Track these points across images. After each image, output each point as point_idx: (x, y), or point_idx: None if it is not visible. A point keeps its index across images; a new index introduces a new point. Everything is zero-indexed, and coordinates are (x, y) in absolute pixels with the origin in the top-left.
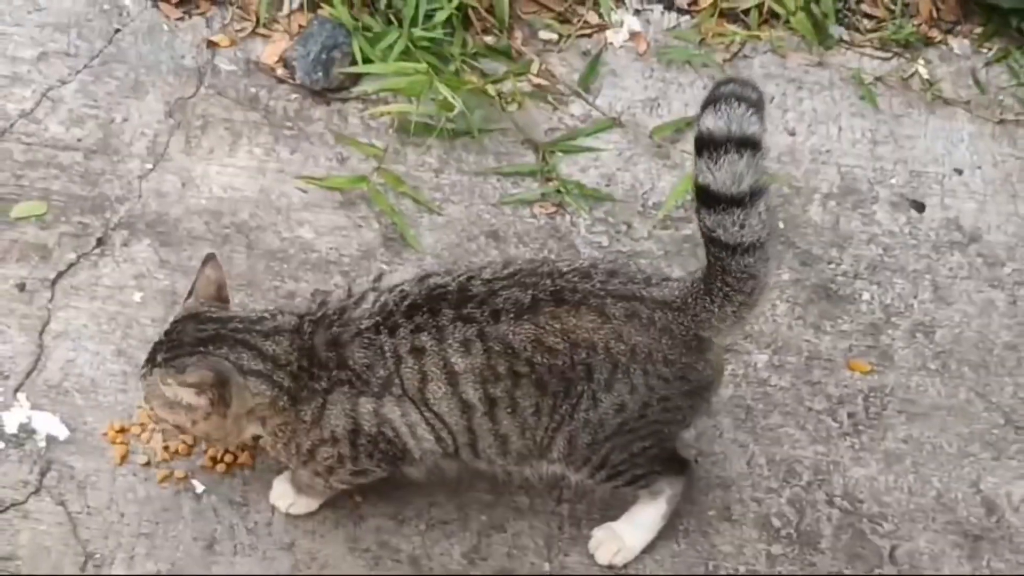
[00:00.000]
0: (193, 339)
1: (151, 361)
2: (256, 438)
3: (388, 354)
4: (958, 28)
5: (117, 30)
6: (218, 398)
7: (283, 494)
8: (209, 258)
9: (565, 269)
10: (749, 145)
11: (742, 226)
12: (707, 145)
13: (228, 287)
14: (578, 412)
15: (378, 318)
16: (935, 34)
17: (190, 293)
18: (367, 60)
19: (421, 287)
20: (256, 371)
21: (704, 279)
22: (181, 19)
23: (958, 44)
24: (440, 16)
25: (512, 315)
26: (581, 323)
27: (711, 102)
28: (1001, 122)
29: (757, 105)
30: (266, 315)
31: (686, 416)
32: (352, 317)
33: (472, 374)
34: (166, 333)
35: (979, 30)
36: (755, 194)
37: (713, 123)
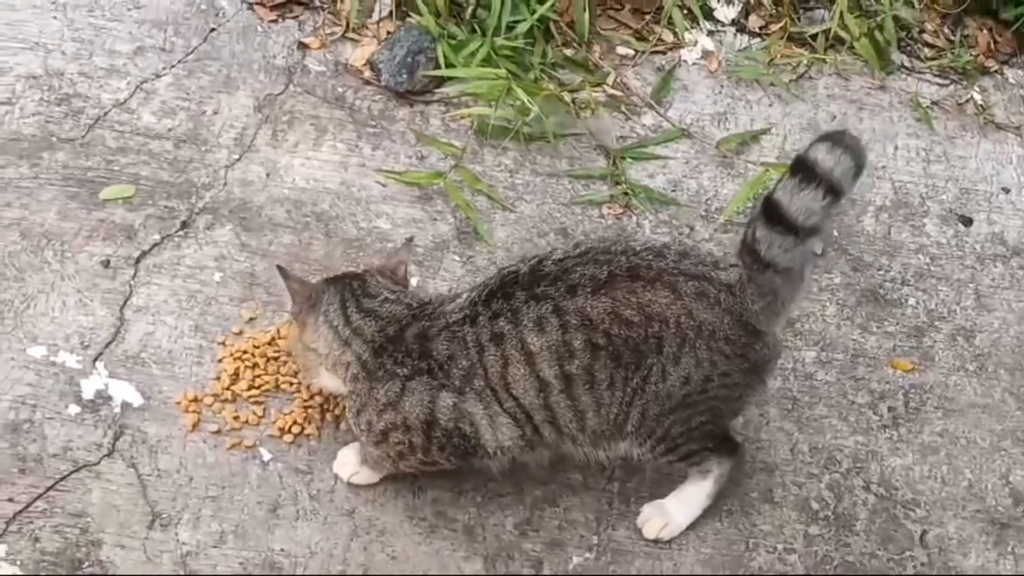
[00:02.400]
0: (335, 277)
1: None
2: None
3: (471, 344)
4: (1014, 60)
5: (212, 29)
6: (300, 316)
7: (346, 463)
8: (408, 241)
9: (639, 248)
10: (834, 194)
11: (785, 251)
12: (804, 171)
13: (408, 270)
14: (648, 385)
15: (467, 311)
16: (992, 64)
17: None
18: (450, 65)
19: (496, 277)
20: (335, 327)
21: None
22: (275, 21)
23: (1013, 74)
24: (522, 27)
25: (589, 289)
26: (656, 298)
27: (830, 140)
28: None
29: (860, 169)
30: (382, 294)
31: (742, 394)
32: (444, 311)
33: (548, 352)
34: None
35: None
36: (810, 232)
37: (822, 157)
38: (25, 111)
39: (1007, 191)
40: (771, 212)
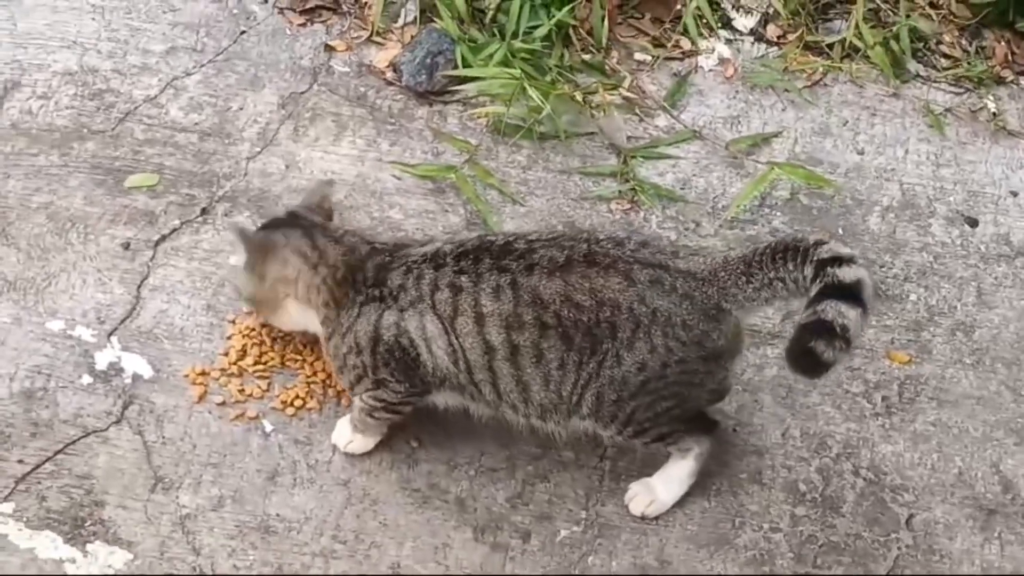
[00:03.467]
0: (272, 223)
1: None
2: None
3: (426, 282)
4: None
5: (243, 31)
6: (258, 263)
7: (342, 434)
8: (328, 181)
9: (602, 237)
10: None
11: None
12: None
13: (331, 202)
14: (604, 369)
15: (428, 255)
16: (1008, 74)
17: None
18: (468, 67)
19: (476, 240)
20: (302, 253)
21: (749, 263)
22: (303, 25)
23: None
24: (540, 31)
25: (546, 271)
26: (608, 284)
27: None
28: None
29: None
30: (340, 229)
31: (703, 381)
32: (408, 252)
33: (498, 318)
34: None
35: None
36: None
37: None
38: (60, 104)
39: (1015, 194)
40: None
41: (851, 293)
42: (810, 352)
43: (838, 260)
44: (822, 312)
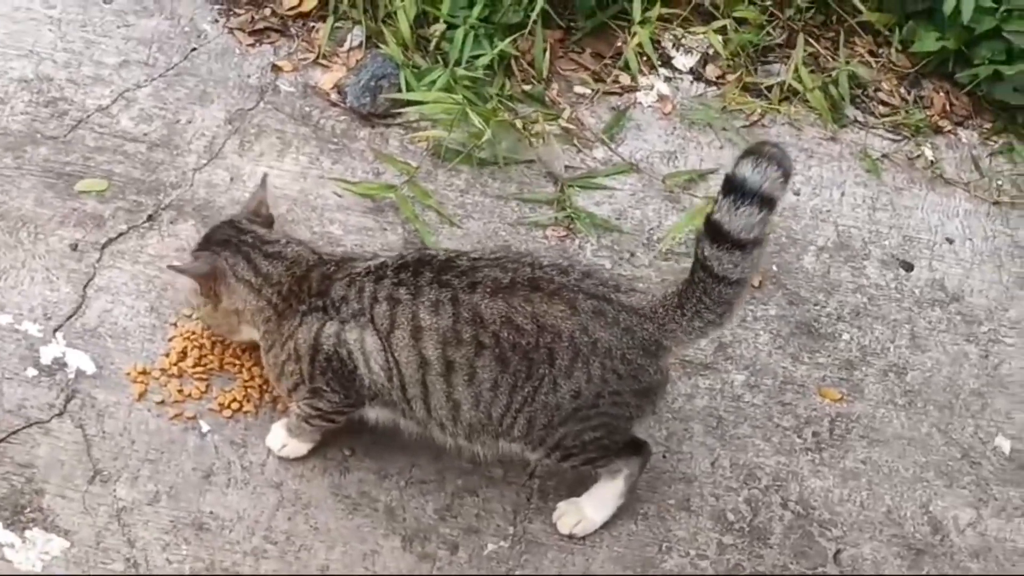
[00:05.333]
0: (215, 240)
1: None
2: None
3: (367, 295)
4: (969, 121)
5: (193, 48)
6: (211, 292)
7: (276, 438)
8: (264, 179)
9: (546, 263)
10: (768, 204)
11: (736, 265)
12: (736, 190)
13: (269, 206)
14: (538, 394)
15: (372, 268)
16: (945, 124)
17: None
18: (411, 91)
19: (416, 253)
20: (247, 280)
21: (680, 295)
22: (252, 45)
23: (966, 135)
24: (483, 60)
25: (489, 290)
26: (551, 310)
27: (753, 155)
28: (996, 203)
29: (787, 175)
30: (280, 240)
31: (632, 413)
32: (352, 264)
33: (436, 333)
34: (207, 232)
35: (988, 125)
36: (756, 243)
37: (749, 174)
38: (15, 110)
39: (951, 241)
40: (714, 233)
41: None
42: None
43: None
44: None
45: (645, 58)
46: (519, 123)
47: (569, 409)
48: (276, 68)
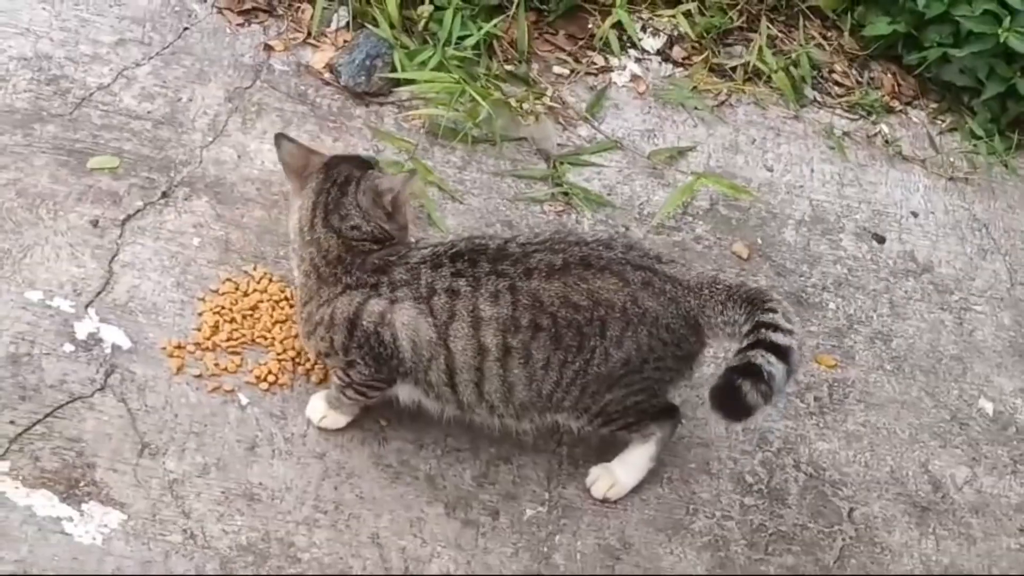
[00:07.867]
0: (333, 165)
1: None
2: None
3: (424, 282)
4: (916, 102)
5: (186, 28)
6: (298, 182)
7: (316, 409)
8: (411, 173)
9: (590, 239)
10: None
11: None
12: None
13: (398, 202)
14: (590, 366)
15: (429, 259)
16: (896, 104)
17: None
18: (405, 71)
19: (467, 242)
20: (301, 227)
21: (731, 295)
22: (242, 25)
23: (916, 114)
24: (470, 40)
25: (544, 274)
26: (605, 285)
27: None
28: (952, 179)
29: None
30: (354, 216)
31: (672, 378)
32: (408, 253)
33: (496, 322)
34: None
35: (935, 105)
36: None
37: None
38: (18, 88)
39: (915, 215)
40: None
41: (781, 352)
42: (736, 391)
43: (775, 327)
44: (752, 357)
45: (617, 39)
46: (512, 102)
47: (617, 376)
48: (268, 47)
